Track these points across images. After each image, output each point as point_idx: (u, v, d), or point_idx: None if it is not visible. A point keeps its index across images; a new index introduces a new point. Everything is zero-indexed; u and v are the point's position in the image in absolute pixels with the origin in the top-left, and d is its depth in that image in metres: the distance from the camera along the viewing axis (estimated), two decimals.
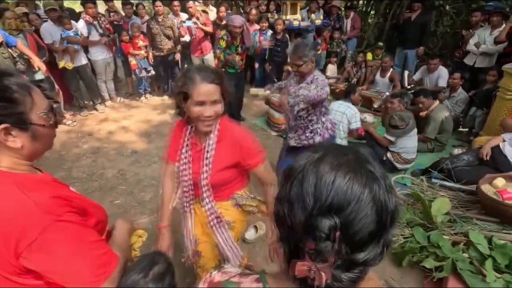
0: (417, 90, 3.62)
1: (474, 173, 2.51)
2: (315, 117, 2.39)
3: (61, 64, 4.25)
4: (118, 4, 5.62)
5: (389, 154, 3.27)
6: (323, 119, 2.44)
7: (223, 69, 4.13)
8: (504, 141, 2.72)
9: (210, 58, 5.01)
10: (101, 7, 5.64)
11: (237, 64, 4.01)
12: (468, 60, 4.56)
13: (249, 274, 0.60)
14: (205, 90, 1.14)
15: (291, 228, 0.49)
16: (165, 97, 5.43)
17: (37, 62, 3.59)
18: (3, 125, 0.71)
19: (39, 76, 3.83)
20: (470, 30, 4.67)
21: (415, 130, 3.21)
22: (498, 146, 2.72)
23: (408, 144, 3.19)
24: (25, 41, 3.66)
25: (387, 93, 4.67)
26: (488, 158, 2.71)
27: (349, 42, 6.17)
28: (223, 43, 3.87)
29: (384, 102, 4.18)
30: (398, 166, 3.25)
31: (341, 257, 0.46)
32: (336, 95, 4.98)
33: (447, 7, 6.14)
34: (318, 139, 2.43)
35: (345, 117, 3.57)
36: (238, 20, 3.74)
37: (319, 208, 0.45)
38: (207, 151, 1.28)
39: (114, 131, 4.27)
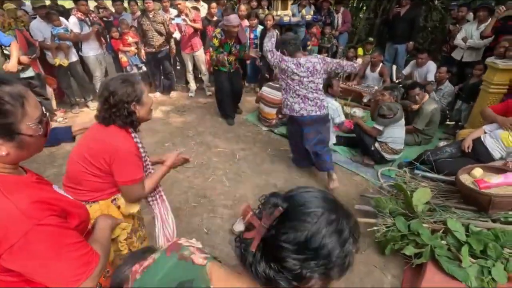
0: (413, 83, 3.69)
1: (455, 164, 2.59)
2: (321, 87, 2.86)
3: (57, 61, 4.25)
4: (108, 2, 5.60)
5: (377, 144, 3.34)
6: (285, 96, 2.93)
7: (216, 68, 4.18)
8: (485, 133, 2.80)
9: (200, 55, 5.03)
10: (91, 4, 5.62)
11: (227, 64, 4.03)
12: (455, 55, 4.63)
13: (203, 252, 0.69)
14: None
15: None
16: (157, 94, 5.44)
17: (24, 60, 3.62)
18: None
19: (29, 73, 3.83)
20: (457, 25, 4.74)
21: (403, 121, 3.29)
22: (479, 137, 2.80)
23: (395, 133, 3.26)
24: (15, 39, 3.65)
25: (376, 88, 4.74)
26: (469, 150, 2.78)
27: (340, 37, 6.21)
28: (216, 42, 3.88)
29: (374, 96, 4.26)
30: (386, 156, 3.33)
31: (269, 233, 0.55)
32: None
33: (436, 2, 6.20)
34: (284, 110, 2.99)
35: None
36: (235, 19, 3.74)
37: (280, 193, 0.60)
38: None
39: None
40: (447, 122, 4.27)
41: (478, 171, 2.25)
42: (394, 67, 5.15)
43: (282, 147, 3.85)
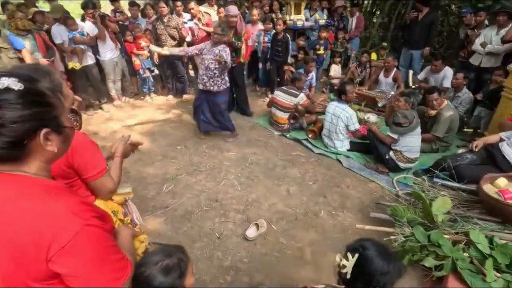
0: (431, 88, 3.59)
1: (475, 172, 2.49)
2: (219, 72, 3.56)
3: (70, 65, 4.33)
4: (125, 5, 5.70)
5: (391, 153, 3.26)
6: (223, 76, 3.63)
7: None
8: (502, 140, 2.70)
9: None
10: (107, 7, 5.74)
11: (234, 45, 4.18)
12: (474, 60, 4.51)
13: None
14: None
15: None
16: (170, 97, 5.48)
17: (43, 63, 3.68)
18: (45, 130, 0.72)
19: None
20: (475, 30, 4.62)
21: (419, 129, 3.20)
22: (497, 144, 2.69)
23: (411, 142, 3.18)
24: (34, 42, 3.74)
25: (392, 93, 4.65)
26: (477, 150, 2.72)
27: (352, 42, 6.15)
28: None
29: (389, 102, 4.18)
30: (401, 165, 3.24)
31: None
32: None
33: (453, 7, 6.08)
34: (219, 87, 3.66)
35: (340, 120, 3.59)
36: (234, 9, 3.98)
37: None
38: None
39: (118, 130, 4.33)
40: (465, 129, 4.15)
41: (502, 181, 2.16)
42: (411, 72, 5.06)
43: (294, 152, 3.81)
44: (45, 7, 5.56)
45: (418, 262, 2.06)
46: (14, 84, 0.68)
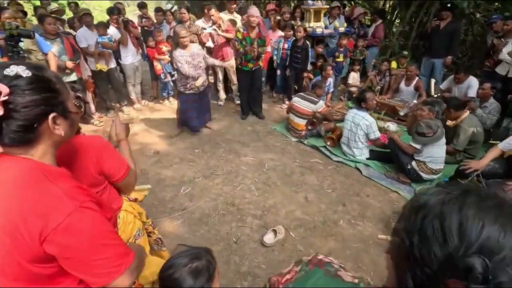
0: (448, 98, 3.49)
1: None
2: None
3: (98, 66, 4.50)
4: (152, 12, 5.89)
5: (414, 163, 3.16)
6: None
7: (239, 66, 4.47)
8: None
9: (231, 65, 5.09)
10: (135, 13, 5.92)
11: (255, 53, 4.27)
12: (500, 70, 4.36)
13: (346, 270, 0.66)
14: None
15: (420, 261, 0.48)
16: None
17: (69, 65, 3.85)
18: (53, 114, 0.76)
19: (73, 77, 4.05)
20: (502, 39, 4.48)
21: (444, 140, 3.09)
22: None
23: (436, 153, 3.07)
24: (62, 45, 3.89)
25: (415, 101, 4.54)
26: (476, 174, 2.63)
27: (370, 50, 6.05)
28: (239, 35, 4.20)
29: (412, 110, 4.08)
30: (424, 176, 3.13)
31: None
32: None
33: (478, 15, 5.93)
34: None
35: (360, 128, 3.51)
36: (254, 10, 4.08)
37: (465, 249, 0.44)
38: None
39: (137, 132, 4.41)
40: (491, 141, 3.98)
41: None
42: (433, 80, 4.94)
43: (312, 159, 3.76)
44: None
45: None
46: (23, 71, 0.72)
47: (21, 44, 2.91)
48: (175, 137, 4.25)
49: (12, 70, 0.71)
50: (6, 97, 0.68)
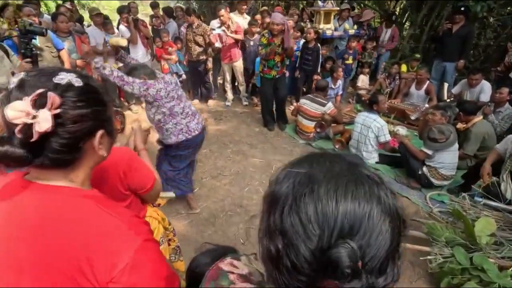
0: (463, 101, 3.43)
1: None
2: (162, 118, 2.34)
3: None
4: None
5: (425, 169, 3.10)
6: (174, 121, 2.37)
7: (261, 75, 4.26)
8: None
9: (239, 65, 5.08)
10: (147, 12, 5.96)
11: (275, 54, 4.02)
12: None
13: (249, 281, 0.57)
14: None
15: (293, 268, 0.41)
16: (196, 101, 5.55)
17: (80, 64, 3.87)
18: (101, 131, 0.66)
19: None
20: None
21: (456, 146, 3.03)
22: None
23: (448, 159, 3.01)
24: (73, 43, 3.92)
25: (426, 105, 4.47)
26: (490, 179, 2.57)
27: (385, 54, 6.00)
28: (264, 40, 4.00)
29: (423, 115, 4.02)
30: (435, 182, 3.07)
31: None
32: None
33: (491, 19, 5.84)
34: (173, 139, 2.42)
35: (370, 131, 3.46)
36: (277, 18, 3.86)
37: (328, 237, 0.38)
38: None
39: None
40: None
41: None
42: (446, 85, 4.86)
43: None
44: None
45: (458, 286, 1.91)
46: (75, 79, 0.62)
47: (35, 41, 2.93)
48: None
49: (63, 78, 0.61)
50: (58, 110, 0.58)
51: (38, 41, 3.08)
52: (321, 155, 0.49)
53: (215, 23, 5.16)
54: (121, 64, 4.62)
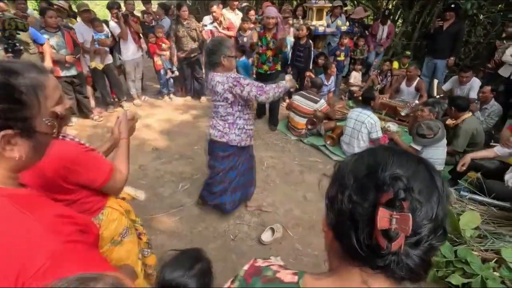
0: (454, 97, 3.48)
1: (506, 187, 2.36)
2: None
3: (93, 64, 4.44)
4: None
5: None
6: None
7: (255, 69, 4.27)
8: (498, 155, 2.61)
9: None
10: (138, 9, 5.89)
11: (267, 58, 4.05)
12: (503, 72, 4.34)
13: (288, 268, 0.60)
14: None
15: (351, 205, 0.48)
16: (188, 98, 5.54)
17: (69, 59, 3.82)
18: (3, 132, 0.61)
19: (73, 71, 4.03)
20: (504, 41, 4.46)
21: (444, 141, 3.07)
22: None
23: (435, 155, 3.05)
24: (63, 39, 3.87)
25: (416, 102, 4.52)
26: (464, 168, 2.66)
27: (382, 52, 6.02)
28: (255, 35, 4.04)
29: (413, 111, 4.06)
30: None
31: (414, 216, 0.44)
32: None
33: (481, 17, 5.90)
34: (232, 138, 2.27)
35: (364, 126, 3.49)
36: (272, 11, 3.87)
37: (383, 170, 0.47)
38: None
39: (137, 128, 4.35)
40: (492, 143, 3.95)
41: None
42: (436, 81, 4.91)
43: (311, 158, 3.74)
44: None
45: (443, 278, 1.95)
46: None
47: (19, 36, 2.87)
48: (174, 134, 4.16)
49: None
50: None
51: (19, 36, 3.00)
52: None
53: (207, 19, 5.13)
54: (107, 63, 4.58)
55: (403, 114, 4.46)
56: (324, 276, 0.55)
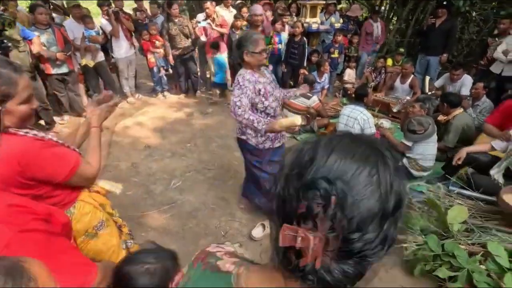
0: (447, 94, 3.50)
1: (492, 181, 2.38)
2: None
3: (83, 62, 4.41)
4: (147, 4, 5.81)
5: (405, 160, 3.16)
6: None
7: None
8: (494, 149, 2.62)
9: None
10: (129, 6, 5.85)
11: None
12: (495, 68, 4.37)
13: (235, 256, 0.59)
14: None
15: (286, 201, 0.44)
16: (182, 96, 5.52)
17: (60, 57, 3.79)
18: None
19: (64, 69, 4.00)
20: (496, 39, 4.49)
21: (435, 137, 3.09)
22: None
23: (426, 150, 3.07)
24: (53, 35, 3.83)
25: (408, 98, 4.54)
26: (460, 163, 2.66)
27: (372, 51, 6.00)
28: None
29: (404, 107, 4.08)
30: (414, 173, 3.13)
31: (335, 231, 0.39)
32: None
33: (474, 14, 5.93)
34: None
35: (357, 123, 3.50)
36: (258, 8, 3.92)
37: (315, 171, 0.42)
38: None
39: (130, 126, 4.38)
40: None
41: None
42: (428, 78, 4.94)
43: None
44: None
45: (430, 272, 1.97)
46: None
47: (8, 32, 2.83)
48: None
49: None
50: None
51: (7, 32, 2.96)
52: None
53: (201, 16, 5.11)
54: (99, 60, 4.55)
55: (394, 110, 4.49)
56: (257, 268, 0.53)
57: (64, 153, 1.10)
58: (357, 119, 3.49)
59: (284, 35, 4.98)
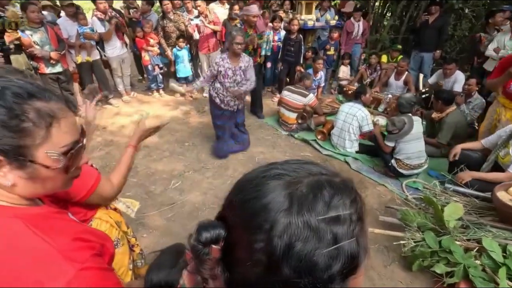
0: (440, 91, 3.56)
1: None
2: None
3: (79, 59, 4.34)
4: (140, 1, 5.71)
5: (393, 161, 3.21)
6: None
7: None
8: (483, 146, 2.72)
9: (216, 56, 5.02)
10: (119, 3, 5.75)
11: (250, 52, 4.05)
12: (487, 66, 4.45)
13: None
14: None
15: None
16: (178, 94, 5.47)
17: (54, 56, 3.73)
18: None
19: (58, 68, 3.93)
20: (487, 34, 4.56)
21: (415, 135, 3.09)
22: None
23: (409, 149, 3.10)
24: (46, 34, 3.76)
25: (390, 96, 4.60)
26: (457, 159, 2.74)
27: (355, 48, 5.96)
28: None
29: (389, 105, 4.15)
30: (404, 172, 3.18)
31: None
32: (349, 97, 4.94)
33: (466, 11, 6.01)
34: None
35: (355, 119, 3.55)
36: (255, 9, 3.88)
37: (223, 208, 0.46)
38: None
39: (126, 125, 4.34)
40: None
41: None
42: (421, 75, 5.00)
43: (302, 153, 3.79)
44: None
45: (428, 268, 2.03)
46: None
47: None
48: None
49: None
50: None
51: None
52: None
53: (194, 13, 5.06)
54: (95, 58, 4.49)
55: (380, 110, 4.55)
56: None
57: (84, 171, 1.09)
58: (355, 115, 3.55)
59: (283, 33, 4.98)
